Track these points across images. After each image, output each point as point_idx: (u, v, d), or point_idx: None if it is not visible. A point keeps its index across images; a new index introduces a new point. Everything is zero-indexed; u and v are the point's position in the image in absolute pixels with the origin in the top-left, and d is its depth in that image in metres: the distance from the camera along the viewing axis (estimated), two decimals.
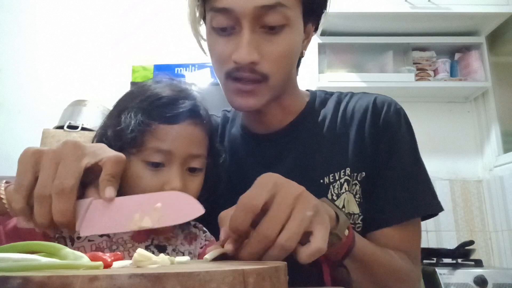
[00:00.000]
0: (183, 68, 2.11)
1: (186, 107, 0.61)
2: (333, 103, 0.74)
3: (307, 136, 0.71)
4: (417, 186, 0.67)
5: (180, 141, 0.59)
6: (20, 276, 0.23)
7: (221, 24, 0.61)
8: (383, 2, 1.97)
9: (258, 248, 0.42)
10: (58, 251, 0.34)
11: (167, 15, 2.25)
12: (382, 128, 0.68)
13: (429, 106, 2.19)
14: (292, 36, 0.62)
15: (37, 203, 0.43)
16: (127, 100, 0.64)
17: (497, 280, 1.46)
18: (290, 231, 0.42)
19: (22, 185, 0.43)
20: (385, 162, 0.67)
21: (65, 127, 1.81)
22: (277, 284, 0.32)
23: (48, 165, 0.43)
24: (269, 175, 0.46)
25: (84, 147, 0.46)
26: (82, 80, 2.23)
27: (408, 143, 0.69)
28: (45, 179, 0.43)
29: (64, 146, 0.45)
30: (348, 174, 0.67)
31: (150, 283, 0.24)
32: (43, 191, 0.42)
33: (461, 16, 1.99)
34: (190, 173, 0.61)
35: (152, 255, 0.36)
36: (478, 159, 2.15)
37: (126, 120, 0.59)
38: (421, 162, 0.70)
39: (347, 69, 2.14)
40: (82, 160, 0.44)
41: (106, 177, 0.45)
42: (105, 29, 2.31)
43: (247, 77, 0.61)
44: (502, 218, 1.96)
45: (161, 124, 0.59)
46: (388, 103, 0.71)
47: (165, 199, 0.44)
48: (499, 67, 2.16)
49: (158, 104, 0.60)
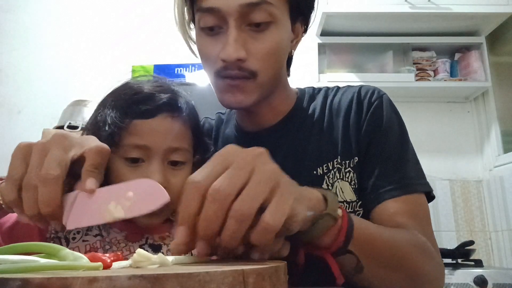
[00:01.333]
0: (183, 68, 2.11)
1: (161, 101, 0.60)
2: (320, 98, 0.76)
3: (297, 130, 0.73)
4: (406, 164, 0.67)
5: (156, 135, 0.59)
6: (19, 278, 0.23)
7: (208, 23, 0.62)
8: (383, 2, 1.97)
9: (214, 224, 0.37)
10: (57, 252, 0.34)
11: (167, 15, 2.24)
12: (366, 112, 0.69)
13: (429, 106, 2.19)
14: (278, 33, 0.63)
15: (24, 193, 0.43)
16: (108, 97, 0.65)
17: (497, 280, 1.46)
18: (243, 196, 0.37)
19: (13, 176, 0.44)
20: (372, 144, 0.68)
21: (65, 127, 1.81)
22: (277, 284, 0.32)
23: (36, 156, 0.44)
24: (223, 150, 0.41)
25: (72, 138, 0.47)
26: (82, 80, 2.24)
27: (394, 123, 0.70)
28: (32, 169, 0.43)
29: (52, 137, 0.46)
30: (339, 162, 0.68)
31: (150, 284, 0.24)
32: (29, 181, 0.43)
33: (461, 16, 1.99)
34: (173, 166, 0.61)
35: (152, 255, 0.36)
36: (478, 159, 2.15)
37: (102, 118, 0.60)
38: (409, 141, 0.70)
39: (347, 69, 2.15)
40: (69, 152, 0.45)
41: (88, 168, 0.45)
42: (105, 29, 2.32)
43: (235, 75, 0.62)
44: (502, 218, 1.96)
45: (136, 120, 0.59)
46: (372, 90, 0.72)
47: (136, 188, 0.44)
48: (499, 67, 2.16)
49: (134, 100, 0.60)
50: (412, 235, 0.59)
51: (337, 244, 0.48)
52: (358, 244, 0.49)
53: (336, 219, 0.47)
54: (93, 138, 0.50)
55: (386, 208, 0.63)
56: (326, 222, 0.46)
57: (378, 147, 0.67)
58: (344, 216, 0.49)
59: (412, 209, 0.64)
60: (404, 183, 0.65)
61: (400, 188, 0.64)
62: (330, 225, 0.47)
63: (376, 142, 0.68)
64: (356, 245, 0.49)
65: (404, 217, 0.62)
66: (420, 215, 0.64)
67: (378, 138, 0.68)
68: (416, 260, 0.57)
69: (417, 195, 0.66)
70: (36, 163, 0.43)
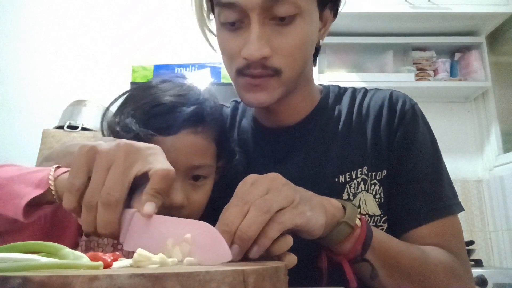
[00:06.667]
0: (183, 68, 2.11)
1: (184, 115, 0.56)
2: (347, 99, 0.71)
3: (320, 132, 0.68)
4: (442, 183, 0.64)
5: (178, 153, 0.55)
6: (20, 276, 0.23)
7: (228, 19, 0.58)
8: (383, 2, 1.97)
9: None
10: (58, 251, 0.34)
11: (167, 15, 2.25)
12: (398, 124, 0.66)
13: (429, 106, 2.18)
14: (305, 26, 0.58)
15: (84, 211, 0.42)
16: (128, 102, 0.61)
17: (497, 280, 1.46)
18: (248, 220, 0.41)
19: (75, 185, 0.42)
20: (404, 158, 0.64)
21: (65, 127, 1.81)
22: (277, 284, 0.32)
23: (99, 169, 0.42)
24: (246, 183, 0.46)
25: (137, 152, 0.44)
26: (82, 80, 2.24)
27: (427, 138, 0.67)
28: (94, 187, 0.42)
29: (118, 147, 0.43)
30: (365, 173, 0.64)
31: (150, 283, 0.24)
32: (91, 200, 0.41)
33: (461, 16, 1.99)
34: (194, 181, 0.58)
35: (152, 255, 0.36)
36: (478, 159, 2.15)
37: (121, 125, 0.57)
38: (441, 158, 0.67)
39: (347, 69, 2.14)
40: (132, 169, 0.42)
41: (150, 192, 0.42)
42: (105, 29, 2.31)
43: (258, 74, 0.58)
44: (502, 218, 1.96)
45: (157, 136, 0.55)
46: (403, 98, 0.69)
47: (195, 230, 0.41)
48: (499, 67, 2.16)
49: (154, 113, 0.57)
50: (442, 255, 0.59)
51: (353, 252, 0.51)
52: (378, 254, 0.52)
53: (352, 227, 0.50)
54: (159, 152, 0.45)
55: (422, 231, 0.61)
56: (343, 230, 0.49)
57: (412, 164, 0.64)
58: (363, 226, 0.51)
59: (448, 230, 0.63)
60: (441, 205, 0.63)
61: (437, 209, 0.62)
62: (347, 233, 0.49)
63: (409, 158, 0.64)
64: (375, 255, 0.52)
65: (440, 239, 0.61)
66: (456, 237, 0.63)
67: (412, 154, 0.64)
68: (442, 279, 0.57)
69: (453, 216, 0.64)
70: (99, 179, 0.41)
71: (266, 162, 0.69)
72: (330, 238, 0.50)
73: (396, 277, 0.55)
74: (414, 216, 0.62)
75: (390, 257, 0.54)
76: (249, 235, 0.41)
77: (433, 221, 0.62)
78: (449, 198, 0.64)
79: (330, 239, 0.50)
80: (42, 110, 2.13)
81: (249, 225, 0.41)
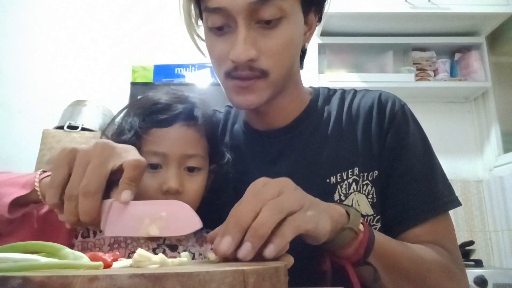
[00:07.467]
0: (183, 68, 2.11)
1: (177, 111, 0.64)
2: (337, 101, 0.73)
3: (311, 133, 0.70)
4: (436, 181, 0.66)
5: (173, 142, 0.63)
6: (20, 276, 0.23)
7: (216, 23, 0.60)
8: (383, 2, 1.98)
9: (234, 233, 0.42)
10: (57, 251, 0.34)
11: (167, 15, 2.25)
12: (389, 125, 0.67)
13: (429, 106, 2.19)
14: (290, 28, 0.61)
15: (66, 202, 0.46)
16: (129, 107, 0.69)
17: (497, 280, 1.46)
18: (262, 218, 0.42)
19: (56, 181, 0.47)
20: (396, 158, 0.65)
21: (65, 127, 1.81)
22: (277, 284, 0.32)
23: (78, 166, 0.46)
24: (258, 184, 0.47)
25: (112, 149, 0.48)
26: (82, 80, 2.24)
27: (418, 137, 0.68)
28: (74, 181, 0.46)
29: (95, 147, 0.48)
30: (357, 174, 0.65)
31: (150, 283, 0.24)
32: (71, 191, 0.46)
33: (461, 16, 1.99)
34: (189, 172, 0.64)
35: (152, 255, 0.36)
36: (478, 159, 2.15)
37: (123, 125, 0.65)
38: (434, 155, 0.68)
39: (347, 69, 2.15)
40: (109, 163, 0.47)
41: (125, 181, 0.47)
42: (105, 29, 2.32)
43: (246, 76, 0.60)
44: (502, 218, 1.96)
45: (155, 128, 0.63)
46: (393, 99, 0.70)
47: (169, 208, 0.47)
48: (499, 67, 2.16)
49: (153, 110, 0.65)
50: (437, 254, 0.60)
51: (357, 256, 0.52)
52: (379, 257, 0.53)
53: (356, 232, 0.51)
54: (132, 149, 0.51)
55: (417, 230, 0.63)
56: (347, 235, 0.50)
57: (404, 165, 0.65)
58: (365, 231, 0.52)
59: (443, 228, 0.64)
60: (437, 203, 0.63)
61: (432, 208, 0.63)
62: (351, 238, 0.51)
63: (401, 158, 0.65)
64: (377, 258, 0.53)
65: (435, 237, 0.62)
66: (449, 234, 0.65)
67: (403, 154, 0.65)
68: (438, 278, 0.58)
69: (446, 213, 0.65)
70: (78, 173, 0.46)
71: (258, 164, 0.70)
72: (334, 243, 0.50)
73: (395, 278, 0.56)
74: (409, 216, 0.63)
75: (390, 259, 0.55)
76: (261, 233, 0.41)
77: (429, 220, 0.63)
78: (444, 195, 0.65)
79: (334, 244, 0.51)
80: (42, 110, 2.14)
81: (262, 223, 0.41)
